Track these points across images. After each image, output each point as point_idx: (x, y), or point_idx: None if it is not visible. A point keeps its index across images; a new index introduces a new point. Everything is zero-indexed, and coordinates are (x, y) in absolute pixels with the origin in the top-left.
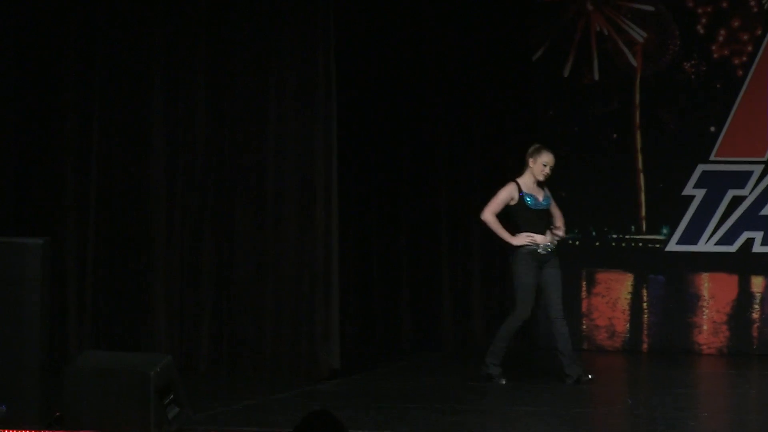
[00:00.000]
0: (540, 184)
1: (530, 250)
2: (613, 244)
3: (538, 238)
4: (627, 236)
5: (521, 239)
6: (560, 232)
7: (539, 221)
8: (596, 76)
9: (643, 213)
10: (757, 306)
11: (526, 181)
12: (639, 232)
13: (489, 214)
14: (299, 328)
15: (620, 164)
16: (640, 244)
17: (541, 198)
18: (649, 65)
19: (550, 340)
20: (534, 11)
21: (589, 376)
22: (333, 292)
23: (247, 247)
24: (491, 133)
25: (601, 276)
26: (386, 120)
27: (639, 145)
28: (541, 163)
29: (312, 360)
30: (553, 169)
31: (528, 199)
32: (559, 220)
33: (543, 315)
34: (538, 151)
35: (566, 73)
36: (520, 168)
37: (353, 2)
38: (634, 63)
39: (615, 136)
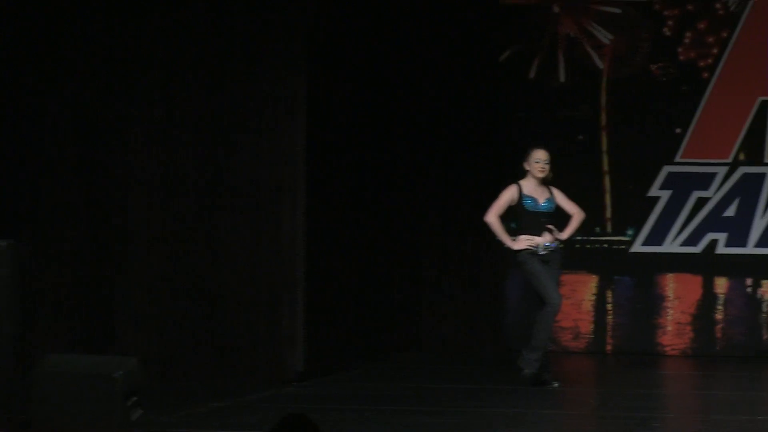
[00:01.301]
0: (545, 186)
1: (531, 252)
2: (578, 245)
3: (537, 240)
4: (592, 237)
5: (520, 243)
6: (561, 235)
7: (537, 223)
8: (562, 79)
9: (609, 214)
10: (721, 307)
11: (528, 183)
12: (604, 233)
13: (492, 217)
14: (267, 330)
15: (586, 166)
16: (606, 246)
17: (542, 200)
18: (616, 68)
19: (525, 338)
20: (501, 14)
21: (555, 384)
22: (300, 294)
23: (215, 250)
24: (458, 135)
25: (566, 278)
26: (356, 121)
27: (605, 147)
28: (534, 161)
29: (279, 362)
30: (551, 163)
31: (527, 201)
32: (574, 219)
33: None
34: (529, 152)
35: (533, 76)
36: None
37: (324, 4)
38: (601, 65)
39: (581, 137)
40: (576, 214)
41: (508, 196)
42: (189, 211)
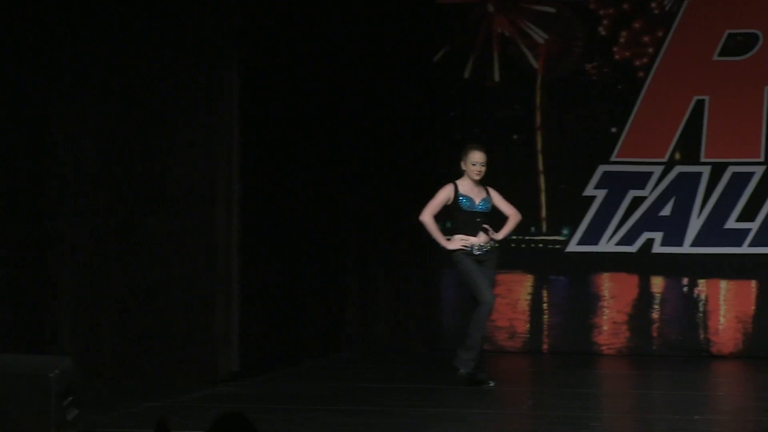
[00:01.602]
0: (482, 186)
1: (466, 252)
2: (514, 245)
3: (472, 240)
4: (527, 237)
5: (455, 243)
6: (497, 235)
7: (473, 223)
8: (497, 78)
9: (544, 214)
10: (657, 306)
11: (464, 182)
12: (540, 233)
13: (427, 216)
14: (201, 330)
15: (521, 165)
16: (541, 245)
17: (478, 200)
18: (551, 67)
19: (458, 336)
20: (435, 13)
21: (491, 383)
22: (234, 294)
23: (150, 250)
24: (392, 134)
25: (502, 277)
26: (289, 121)
27: (540, 147)
28: (470, 163)
29: (213, 362)
30: (486, 165)
31: (463, 201)
32: (510, 220)
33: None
34: (466, 152)
35: (467, 75)
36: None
37: (257, 3)
38: (536, 65)
39: (516, 137)
40: (512, 216)
41: (443, 195)
42: (121, 211)
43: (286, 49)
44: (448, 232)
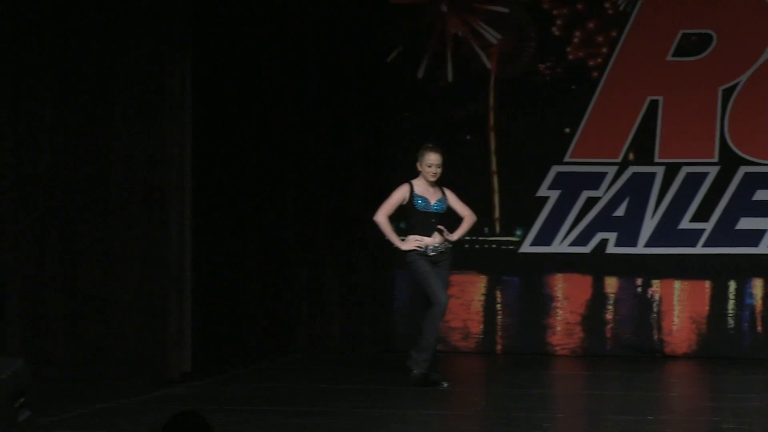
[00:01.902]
0: (438, 187)
1: (420, 252)
2: (467, 246)
3: (427, 240)
4: (481, 238)
5: (409, 244)
6: (451, 236)
7: (428, 223)
8: (450, 78)
9: (497, 214)
10: (611, 307)
11: (420, 183)
12: (493, 233)
13: (381, 216)
14: (153, 330)
15: (474, 166)
16: (494, 246)
17: (433, 201)
18: (504, 67)
19: (411, 337)
20: (389, 13)
21: (444, 384)
22: (186, 294)
23: (101, 250)
24: (344, 135)
25: (455, 278)
26: (241, 120)
27: (493, 147)
28: (426, 165)
29: (164, 363)
30: (443, 166)
31: (418, 201)
32: (465, 221)
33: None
34: (421, 153)
35: (421, 75)
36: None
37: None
38: (489, 65)
39: (469, 138)
40: (467, 217)
41: (399, 195)
42: (68, 209)
43: (238, 47)
44: (403, 233)
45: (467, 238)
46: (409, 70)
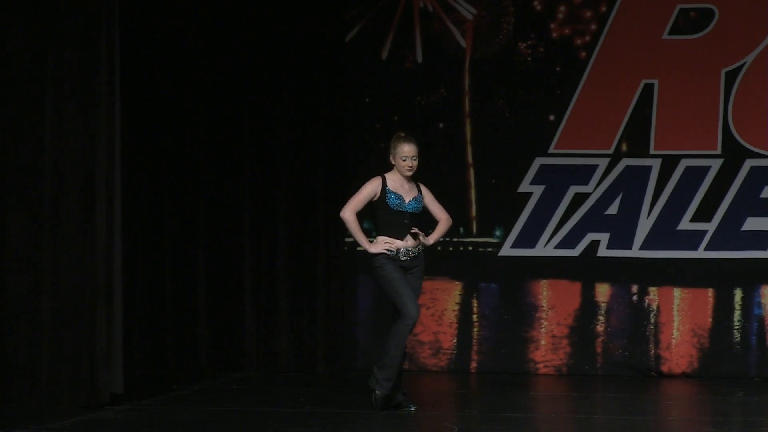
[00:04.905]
0: (413, 183)
1: (390, 257)
2: (439, 248)
3: (398, 243)
4: (455, 239)
5: (378, 246)
6: (427, 240)
7: (400, 224)
8: (420, 59)
9: (474, 213)
10: (601, 318)
11: (394, 177)
12: (469, 234)
13: (348, 213)
14: (79, 348)
15: (447, 158)
16: (470, 248)
17: (408, 199)
18: (480, 46)
19: (374, 353)
20: None
21: (411, 408)
22: (116, 307)
23: (19, 255)
24: (299, 124)
25: (426, 285)
26: (181, 112)
27: (469, 136)
28: (400, 158)
29: (93, 384)
30: (418, 158)
31: (391, 198)
32: (441, 224)
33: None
34: (394, 144)
35: (385, 56)
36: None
37: None
38: (463, 44)
39: (441, 125)
40: (443, 220)
41: (369, 189)
42: None
43: (176, 24)
44: (368, 233)
45: (440, 239)
46: (371, 49)
